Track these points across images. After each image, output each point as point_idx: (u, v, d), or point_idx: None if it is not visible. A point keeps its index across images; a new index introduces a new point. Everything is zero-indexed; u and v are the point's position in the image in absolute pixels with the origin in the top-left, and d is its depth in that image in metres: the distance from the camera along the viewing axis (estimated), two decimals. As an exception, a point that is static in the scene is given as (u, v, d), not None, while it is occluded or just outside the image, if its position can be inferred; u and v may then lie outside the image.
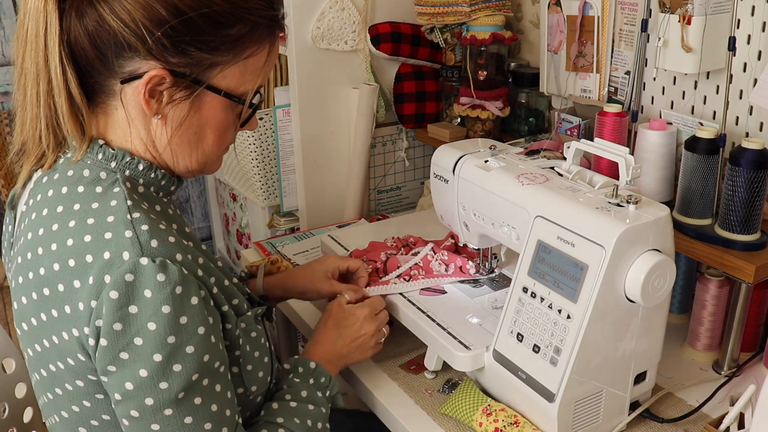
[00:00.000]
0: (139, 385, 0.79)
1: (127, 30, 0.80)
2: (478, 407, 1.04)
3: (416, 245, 1.38)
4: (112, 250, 0.78)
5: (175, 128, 0.87)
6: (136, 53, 0.81)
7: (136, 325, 0.78)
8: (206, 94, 0.87)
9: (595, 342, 0.95)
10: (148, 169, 0.89)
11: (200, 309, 0.82)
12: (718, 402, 1.11)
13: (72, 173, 0.86)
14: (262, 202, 1.97)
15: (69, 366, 0.84)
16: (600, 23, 1.38)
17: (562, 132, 1.51)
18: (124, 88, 0.84)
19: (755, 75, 1.18)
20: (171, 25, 0.80)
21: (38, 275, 0.83)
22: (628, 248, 0.92)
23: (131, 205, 0.82)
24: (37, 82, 0.83)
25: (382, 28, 1.69)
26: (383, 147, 1.84)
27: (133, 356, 0.79)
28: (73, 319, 0.80)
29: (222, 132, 0.92)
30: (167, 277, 0.78)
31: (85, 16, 0.81)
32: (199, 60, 0.84)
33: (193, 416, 0.83)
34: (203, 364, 0.82)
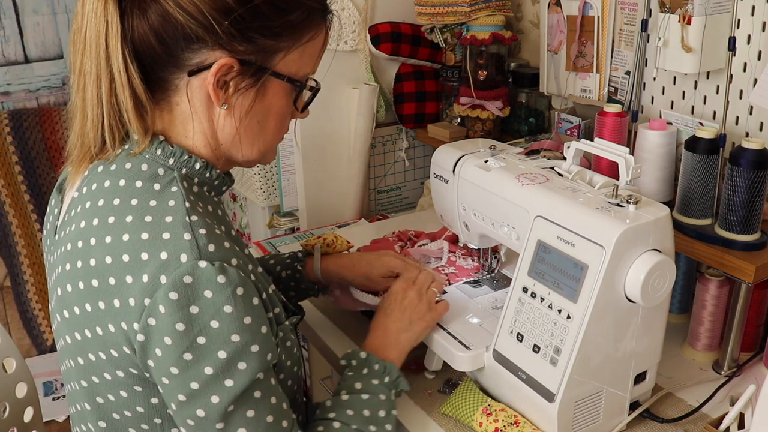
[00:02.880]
0: (205, 383, 0.80)
1: (195, 21, 0.81)
2: (478, 407, 1.04)
3: (419, 238, 1.39)
4: (169, 251, 0.79)
5: (240, 118, 0.89)
6: (204, 44, 0.83)
7: (198, 325, 0.78)
8: (270, 81, 0.88)
9: (595, 342, 0.95)
10: (204, 168, 0.90)
11: (261, 309, 0.83)
12: (718, 402, 1.11)
13: (130, 166, 0.86)
14: (262, 202, 1.97)
15: (111, 357, 0.84)
16: (600, 23, 1.38)
17: (562, 132, 1.51)
18: (190, 80, 0.85)
19: (755, 75, 1.18)
20: (238, 14, 0.82)
21: (88, 265, 0.83)
22: (628, 248, 0.92)
23: (189, 208, 0.83)
24: (98, 84, 0.84)
25: (382, 28, 1.69)
26: (383, 147, 1.84)
27: (196, 356, 0.79)
28: (122, 313, 0.80)
29: (282, 119, 0.94)
30: (227, 279, 0.79)
31: (149, 12, 0.82)
32: (264, 47, 0.86)
33: (255, 409, 0.84)
34: (266, 362, 0.84)
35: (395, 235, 1.40)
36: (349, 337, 1.30)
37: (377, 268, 1.22)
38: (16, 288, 2.58)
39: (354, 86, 1.72)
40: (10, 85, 2.57)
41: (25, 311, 2.58)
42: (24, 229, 2.56)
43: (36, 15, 2.55)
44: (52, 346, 2.58)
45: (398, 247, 1.38)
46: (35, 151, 2.56)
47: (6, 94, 2.57)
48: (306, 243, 1.30)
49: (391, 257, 1.25)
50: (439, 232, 1.41)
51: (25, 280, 2.57)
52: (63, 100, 2.67)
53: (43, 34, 2.58)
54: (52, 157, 2.59)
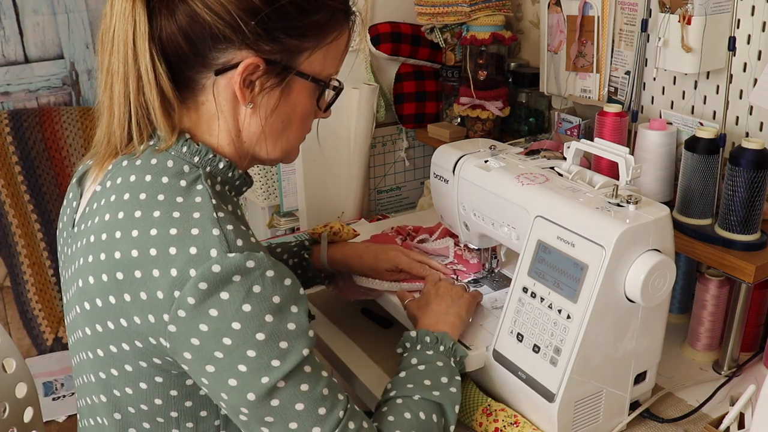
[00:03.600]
0: (252, 365, 0.80)
1: (222, 22, 0.82)
2: (478, 407, 1.04)
3: (417, 233, 1.39)
4: (198, 246, 0.80)
5: (266, 116, 0.90)
6: (231, 44, 0.84)
7: (230, 309, 0.79)
8: (295, 81, 0.90)
9: (595, 342, 0.95)
10: (228, 168, 0.91)
11: (294, 289, 0.83)
12: (718, 402, 1.11)
13: (156, 162, 0.87)
14: (262, 202, 1.97)
15: (135, 348, 0.85)
16: (600, 23, 1.38)
17: (562, 132, 1.51)
18: (217, 80, 0.87)
19: (755, 75, 1.18)
20: (265, 14, 0.83)
21: (112, 258, 0.83)
22: (628, 248, 0.92)
23: (216, 204, 0.84)
24: (125, 83, 0.85)
25: (382, 28, 1.69)
26: (383, 147, 1.84)
27: (235, 340, 0.79)
28: (149, 306, 0.81)
29: (305, 118, 0.95)
30: (256, 263, 0.80)
31: (177, 12, 0.83)
32: (289, 47, 0.87)
33: (308, 383, 0.84)
34: (309, 338, 0.84)
35: (394, 230, 1.41)
36: (348, 336, 1.30)
37: (383, 261, 1.24)
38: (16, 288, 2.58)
39: (354, 86, 1.72)
40: (10, 85, 2.57)
41: (25, 311, 2.58)
42: (24, 229, 2.56)
43: (36, 15, 2.56)
44: (52, 346, 2.58)
45: (399, 240, 1.38)
46: (35, 151, 2.56)
47: (6, 94, 2.57)
48: (313, 231, 1.31)
49: (398, 252, 1.27)
50: (436, 226, 1.42)
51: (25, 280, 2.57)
52: (63, 100, 2.67)
53: (43, 34, 2.58)
54: (52, 157, 2.59)
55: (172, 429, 0.90)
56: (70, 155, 2.61)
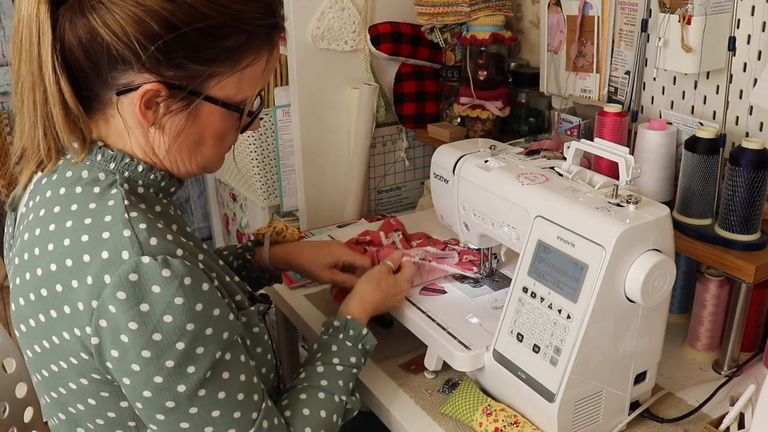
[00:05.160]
0: (168, 375, 0.80)
1: (120, 44, 0.79)
2: (478, 407, 1.04)
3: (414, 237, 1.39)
4: (110, 249, 0.78)
5: (173, 137, 0.87)
6: (130, 66, 0.80)
7: (152, 322, 0.78)
8: (204, 104, 0.86)
9: (595, 342, 0.95)
10: (148, 170, 0.88)
11: (212, 292, 0.83)
12: (718, 402, 1.11)
13: (71, 174, 0.86)
14: (262, 202, 1.97)
15: (72, 365, 0.84)
16: (600, 23, 1.38)
17: (562, 132, 1.51)
18: (120, 98, 0.83)
19: (755, 75, 1.18)
20: (164, 41, 0.79)
21: (35, 276, 0.82)
22: (628, 248, 0.92)
23: (128, 205, 0.82)
24: (33, 91, 0.82)
25: (382, 28, 1.69)
26: (383, 147, 1.84)
27: (155, 352, 0.79)
28: (73, 319, 0.80)
29: (221, 138, 0.91)
30: (172, 272, 0.79)
31: (78, 26, 0.79)
32: (195, 72, 0.83)
33: (225, 390, 0.84)
34: (224, 341, 0.84)
35: (380, 229, 1.41)
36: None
37: (324, 256, 1.23)
38: (16, 288, 2.57)
39: (354, 86, 1.72)
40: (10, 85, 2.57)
41: (25, 311, 2.57)
42: (24, 229, 2.56)
43: (36, 15, 2.55)
44: (52, 346, 2.57)
45: (397, 236, 1.38)
46: (35, 151, 2.56)
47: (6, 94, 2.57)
48: (257, 232, 1.31)
49: (339, 246, 1.26)
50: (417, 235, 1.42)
51: (25, 280, 2.57)
52: (63, 100, 2.67)
53: (43, 34, 2.58)
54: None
55: None
56: (70, 155, 2.61)
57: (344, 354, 1.03)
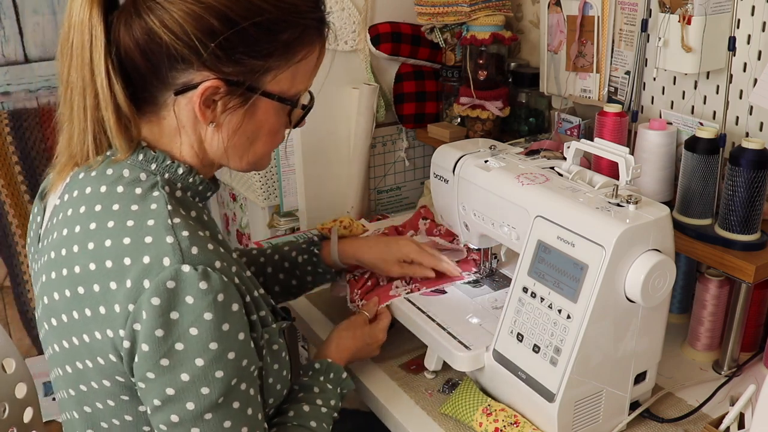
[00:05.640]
0: (181, 389, 0.79)
1: (180, 43, 0.79)
2: (478, 407, 1.04)
3: (405, 228, 1.41)
4: (152, 255, 0.78)
5: (230, 135, 0.87)
6: (189, 64, 0.81)
7: (177, 331, 0.77)
8: (260, 100, 0.86)
9: (595, 342, 0.95)
10: (188, 173, 0.88)
11: (240, 315, 0.82)
12: (718, 402, 1.11)
13: (111, 172, 0.86)
14: (262, 202, 1.97)
15: (97, 365, 0.84)
16: (600, 23, 1.38)
17: (562, 132, 1.51)
18: (177, 98, 0.84)
19: (755, 75, 1.18)
20: (224, 36, 0.79)
21: (73, 273, 0.82)
22: (628, 248, 0.92)
23: (171, 210, 0.82)
24: (83, 96, 0.83)
25: (382, 28, 1.69)
26: (383, 147, 1.84)
27: (174, 362, 0.78)
28: (108, 321, 0.80)
29: (274, 134, 0.93)
30: (209, 285, 0.78)
31: (134, 28, 0.80)
32: (253, 67, 0.84)
33: (231, 420, 0.83)
34: (242, 369, 0.83)
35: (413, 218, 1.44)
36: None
37: (393, 252, 1.24)
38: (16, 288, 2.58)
39: (354, 86, 1.72)
40: (10, 85, 2.57)
41: (25, 311, 2.58)
42: (24, 229, 2.56)
43: (36, 15, 2.55)
44: (52, 346, 2.58)
45: (424, 224, 1.41)
46: (35, 151, 2.56)
47: (6, 94, 2.57)
48: (322, 227, 1.31)
49: (408, 242, 1.26)
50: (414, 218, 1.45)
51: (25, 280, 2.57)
52: (63, 100, 2.67)
53: (43, 34, 2.58)
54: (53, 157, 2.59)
55: None
56: (70, 155, 2.61)
57: (326, 396, 1.03)
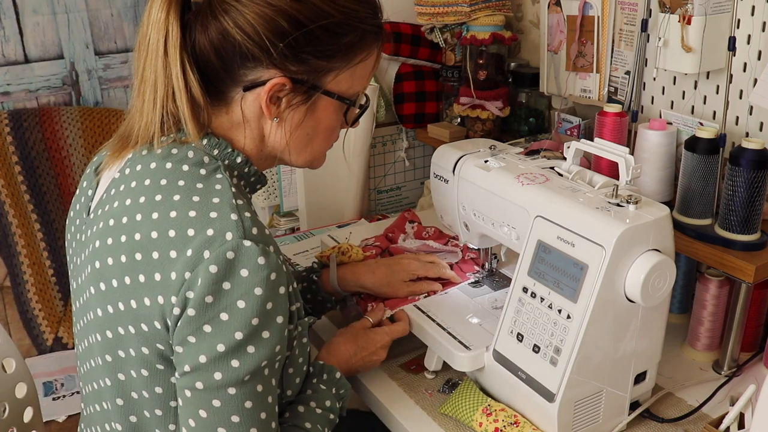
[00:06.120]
0: (214, 358, 0.82)
1: (251, 42, 0.85)
2: (478, 407, 1.04)
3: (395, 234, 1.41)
4: (216, 228, 0.82)
5: (290, 131, 0.93)
6: (259, 63, 0.87)
7: (226, 301, 0.80)
8: (321, 98, 0.93)
9: (595, 342, 0.95)
10: (245, 163, 0.93)
11: (285, 299, 0.85)
12: (718, 402, 1.11)
13: (176, 152, 0.90)
14: (262, 202, 1.97)
15: (140, 331, 0.86)
16: (600, 23, 1.38)
17: (562, 132, 1.51)
18: (245, 94, 0.90)
19: (755, 75, 1.18)
20: (293, 37, 0.86)
21: (132, 239, 0.85)
22: (628, 248, 0.92)
23: (235, 192, 0.86)
24: (155, 88, 0.87)
25: (382, 28, 1.69)
26: (383, 147, 1.84)
27: (215, 330, 0.81)
28: (161, 287, 0.82)
29: (331, 132, 0.99)
30: (267, 261, 0.82)
31: (209, 28, 0.86)
32: (317, 67, 0.90)
33: (253, 402, 0.85)
34: (273, 353, 0.85)
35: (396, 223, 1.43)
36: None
37: (398, 273, 1.23)
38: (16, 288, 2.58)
39: (354, 86, 1.72)
40: (10, 85, 2.57)
41: (25, 311, 2.58)
42: (24, 229, 2.56)
43: (36, 15, 2.55)
44: (53, 346, 2.57)
45: (411, 228, 1.40)
46: (35, 151, 2.56)
47: (6, 94, 2.57)
48: (321, 255, 1.30)
49: (410, 260, 1.26)
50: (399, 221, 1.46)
51: (25, 280, 2.57)
52: (63, 100, 2.67)
53: (43, 34, 2.58)
54: (52, 157, 2.59)
55: (168, 423, 0.90)
56: (70, 155, 2.61)
57: (320, 398, 1.03)
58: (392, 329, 1.16)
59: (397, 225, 1.46)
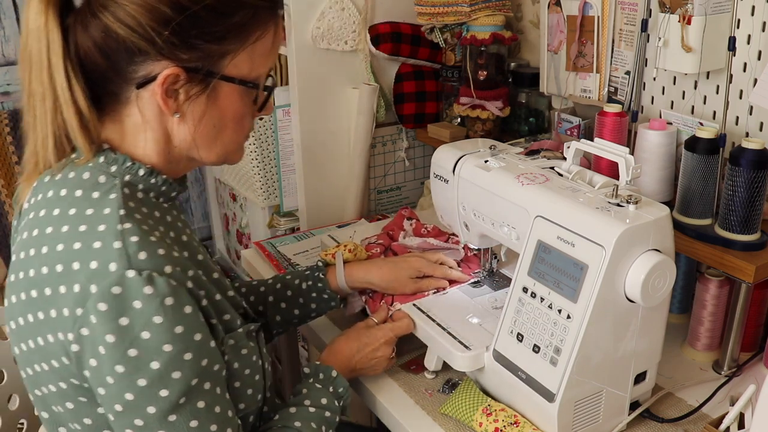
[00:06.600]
0: (140, 394, 0.79)
1: (135, 35, 0.81)
2: (478, 407, 1.04)
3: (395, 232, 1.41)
4: (99, 260, 0.78)
5: (195, 124, 0.88)
6: (147, 56, 0.82)
7: (129, 336, 0.78)
8: (221, 85, 0.87)
9: (595, 342, 0.95)
10: (149, 174, 0.89)
11: (195, 317, 0.82)
12: (718, 402, 1.11)
13: (73, 175, 0.86)
14: (262, 202, 1.97)
15: (53, 368, 0.84)
16: (600, 23, 1.38)
17: (562, 132, 1.51)
18: (139, 93, 0.85)
19: (755, 75, 1.18)
20: (177, 22, 0.81)
21: (28, 276, 0.83)
22: (628, 248, 0.92)
23: (123, 215, 0.82)
24: (44, 101, 0.83)
25: (382, 28, 1.69)
26: (383, 147, 1.84)
27: (129, 367, 0.78)
28: (57, 324, 0.80)
29: (240, 121, 0.93)
30: (155, 289, 0.78)
31: (91, 27, 0.81)
32: (209, 52, 0.85)
33: (198, 419, 0.83)
34: (202, 368, 0.82)
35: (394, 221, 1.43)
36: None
37: (404, 270, 1.23)
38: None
39: (354, 86, 1.72)
40: (10, 85, 2.57)
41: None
42: (24, 229, 2.56)
43: (36, 15, 2.55)
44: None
45: (409, 225, 1.40)
46: (35, 151, 2.56)
47: (6, 94, 2.57)
48: (326, 253, 1.29)
49: (416, 258, 1.26)
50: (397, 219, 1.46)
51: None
52: (63, 100, 2.67)
53: (43, 34, 2.58)
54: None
55: None
56: (70, 155, 2.61)
57: (315, 396, 1.02)
58: (395, 325, 1.16)
59: (395, 223, 1.46)
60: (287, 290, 1.23)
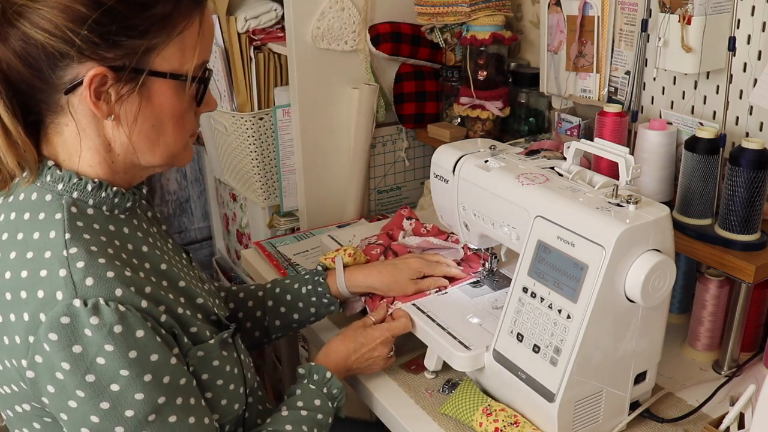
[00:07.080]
0: (105, 416, 0.79)
1: (54, 38, 0.78)
2: (478, 407, 1.04)
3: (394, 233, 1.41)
4: (45, 290, 0.78)
5: (131, 125, 0.85)
6: (70, 59, 0.79)
7: (84, 363, 0.77)
8: (152, 82, 0.84)
9: (595, 342, 0.95)
10: (97, 188, 0.86)
11: (150, 339, 0.81)
12: (718, 402, 1.11)
13: (23, 197, 0.85)
14: (262, 202, 1.97)
15: (14, 391, 0.84)
16: (600, 23, 1.38)
17: (562, 132, 1.51)
18: (69, 99, 0.82)
19: (755, 75, 1.18)
20: (94, 19, 0.77)
21: None
22: (628, 248, 0.92)
23: (69, 239, 0.80)
24: None
25: (382, 28, 1.69)
26: (383, 147, 1.84)
27: (89, 392, 0.78)
28: (11, 350, 0.80)
29: (179, 118, 0.89)
30: (101, 320, 0.77)
31: (10, 38, 0.78)
32: (133, 48, 0.81)
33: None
34: (166, 386, 0.82)
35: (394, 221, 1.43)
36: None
37: (404, 271, 1.23)
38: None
39: (354, 86, 1.72)
40: None
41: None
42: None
43: (36, 15, 2.55)
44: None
45: (409, 224, 1.40)
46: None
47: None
48: (326, 257, 1.29)
49: (415, 259, 1.26)
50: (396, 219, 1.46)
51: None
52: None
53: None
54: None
55: None
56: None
57: (308, 397, 1.02)
58: (392, 325, 1.15)
59: (395, 223, 1.46)
60: (287, 295, 1.22)
